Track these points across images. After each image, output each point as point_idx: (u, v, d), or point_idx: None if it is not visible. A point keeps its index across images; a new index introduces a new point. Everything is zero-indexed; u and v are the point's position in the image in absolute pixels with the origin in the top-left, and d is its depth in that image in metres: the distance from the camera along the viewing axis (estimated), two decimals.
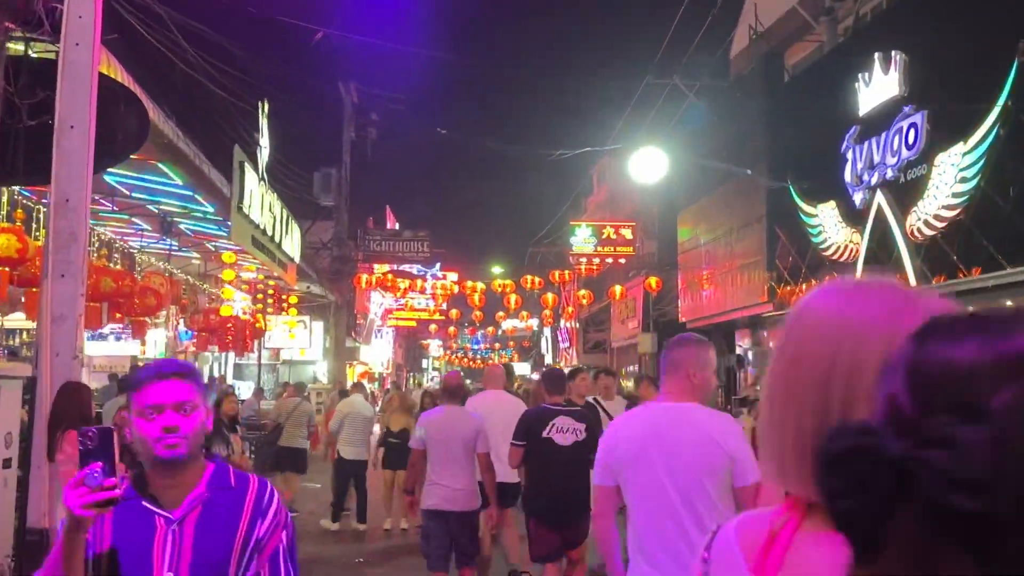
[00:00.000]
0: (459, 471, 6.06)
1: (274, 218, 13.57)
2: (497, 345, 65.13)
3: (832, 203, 15.50)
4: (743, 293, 19.73)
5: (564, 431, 5.86)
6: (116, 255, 11.54)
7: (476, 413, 6.49)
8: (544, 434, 5.84)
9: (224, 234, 13.03)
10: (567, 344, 46.54)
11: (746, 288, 19.53)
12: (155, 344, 19.55)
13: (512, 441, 6.08)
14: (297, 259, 15.62)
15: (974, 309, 0.82)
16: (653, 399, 7.41)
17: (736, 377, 24.04)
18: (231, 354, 25.72)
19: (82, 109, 3.94)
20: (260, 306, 17.70)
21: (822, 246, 15.86)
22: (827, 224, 15.73)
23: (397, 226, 31.49)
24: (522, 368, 65.94)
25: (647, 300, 27.90)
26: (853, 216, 14.85)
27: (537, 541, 5.91)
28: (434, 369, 72.51)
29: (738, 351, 24.13)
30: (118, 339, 19.63)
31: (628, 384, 30.15)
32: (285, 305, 18.83)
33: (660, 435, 3.27)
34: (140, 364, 18.90)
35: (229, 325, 14.49)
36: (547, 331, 52.72)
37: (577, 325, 43.12)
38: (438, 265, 38.07)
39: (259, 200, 12.41)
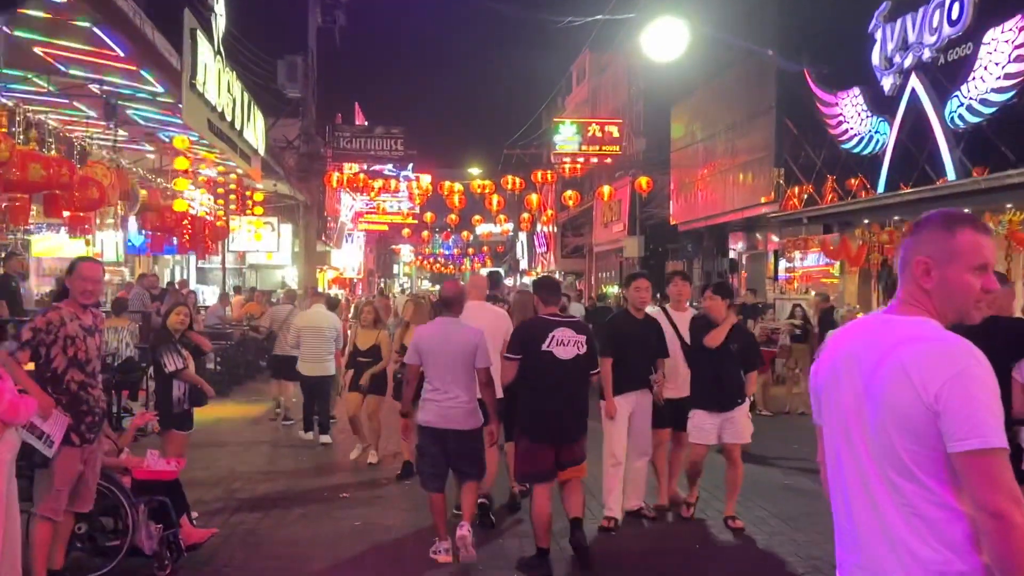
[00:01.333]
0: (457, 387, 5.57)
1: (233, 101, 11.91)
2: (471, 250, 63.62)
3: (856, 90, 14.07)
4: (745, 193, 18.41)
5: (565, 344, 5.47)
6: (51, 140, 9.89)
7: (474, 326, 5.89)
8: (544, 347, 5.43)
9: (179, 122, 11.36)
10: (544, 249, 45.25)
11: (749, 187, 18.20)
12: (102, 245, 17.92)
13: (505, 354, 5.69)
14: (261, 151, 13.97)
15: None
16: (721, 312, 6.46)
17: (727, 281, 22.94)
18: (193, 257, 24.13)
19: None
20: (222, 203, 16.02)
21: (842, 139, 14.49)
22: (848, 114, 14.31)
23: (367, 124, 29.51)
24: None
25: (634, 202, 26.56)
26: (880, 104, 13.45)
27: (529, 460, 5.52)
28: (404, 275, 71.09)
29: (731, 255, 22.99)
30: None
31: (611, 291, 29.12)
32: (250, 203, 17.12)
33: (853, 361, 2.04)
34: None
35: (186, 223, 12.82)
36: (522, 236, 51.33)
37: (555, 230, 41.77)
38: (411, 167, 36.27)
39: (215, 77, 10.73)
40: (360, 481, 8.05)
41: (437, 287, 58.62)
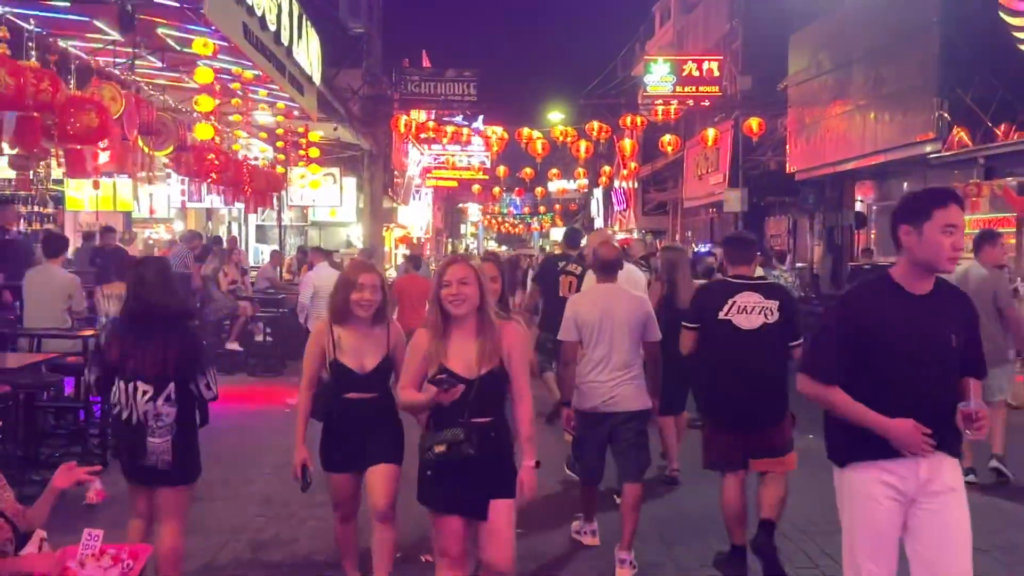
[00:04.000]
0: (625, 364, 4.96)
1: (279, 7, 9.34)
2: (541, 208, 60.70)
3: None
4: (893, 131, 15.28)
5: (748, 311, 4.73)
6: (34, 49, 7.49)
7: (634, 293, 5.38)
8: (722, 315, 4.75)
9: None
10: (623, 206, 42.23)
11: (898, 125, 15.07)
12: (152, 199, 15.70)
13: (684, 323, 5.06)
14: (316, 79, 11.44)
15: None
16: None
17: (852, 239, 19.87)
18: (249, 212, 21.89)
19: None
20: (271, 148, 13.52)
21: None
22: None
23: None
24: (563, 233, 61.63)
25: (736, 149, 23.48)
26: None
27: (715, 447, 4.90)
28: (471, 235, 68.53)
29: (857, 206, 19.87)
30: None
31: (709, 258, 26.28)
32: (303, 148, 14.53)
33: None
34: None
35: (212, 159, 10.13)
36: (597, 193, 48.25)
37: (636, 185, 38.72)
38: (481, 118, 33.57)
39: None
40: None
41: (505, 248, 56.39)
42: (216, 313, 11.33)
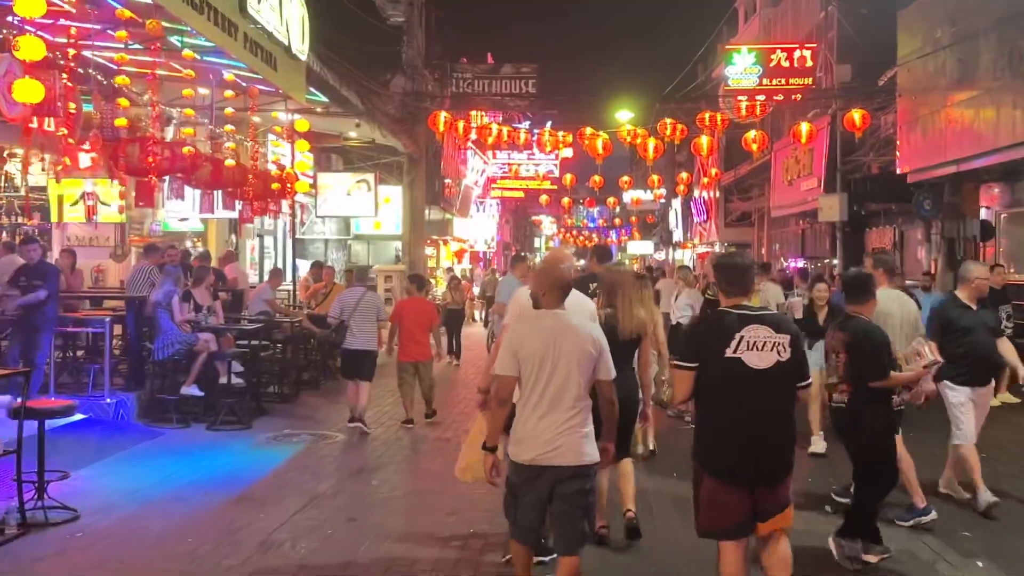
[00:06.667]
0: (568, 406, 4.32)
1: None
2: (618, 221, 57.63)
3: None
4: None
5: (760, 348, 4.15)
6: None
7: None
8: (730, 352, 4.14)
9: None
10: (703, 217, 39.01)
11: None
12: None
13: (676, 361, 4.38)
14: (296, 47, 8.93)
15: None
16: None
17: (977, 253, 16.55)
18: (283, 227, 19.71)
19: None
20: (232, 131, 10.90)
21: None
22: None
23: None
24: (643, 247, 58.63)
25: (833, 149, 20.31)
26: None
27: (715, 508, 4.20)
28: (547, 249, 65.95)
29: (982, 215, 16.55)
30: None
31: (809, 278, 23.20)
32: (282, 136, 11.97)
33: None
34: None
35: (159, 152, 7.55)
36: (676, 204, 45.10)
37: (718, 194, 35.54)
38: (549, 124, 31.00)
39: None
40: None
41: (582, 262, 53.50)
42: (167, 349, 8.97)
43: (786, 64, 21.09)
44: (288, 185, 11.35)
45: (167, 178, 9.82)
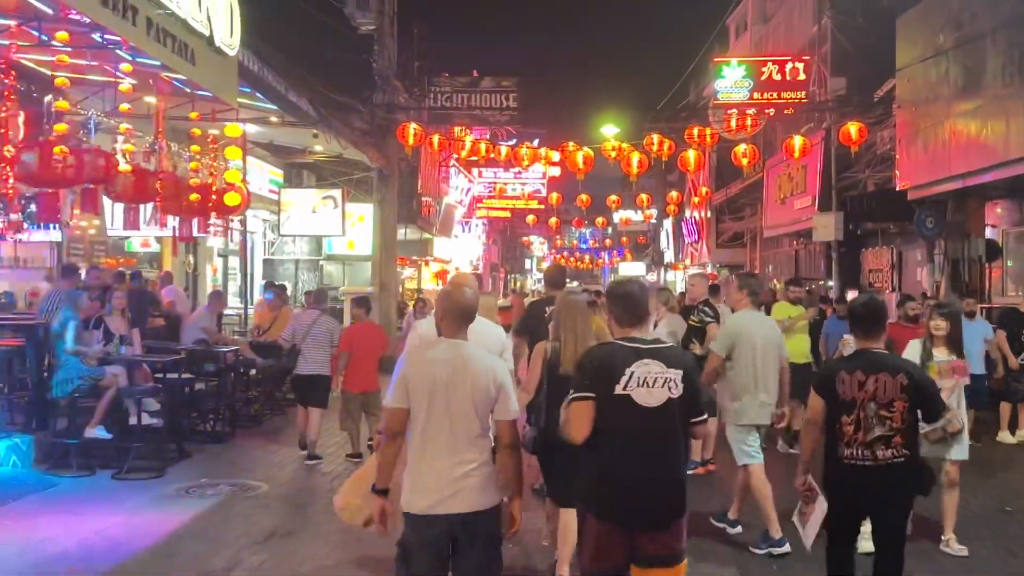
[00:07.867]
0: (467, 446, 4.01)
1: None
2: (608, 241, 56.50)
3: None
4: None
5: (651, 384, 3.86)
6: None
7: None
8: (619, 388, 3.85)
9: None
10: (694, 238, 37.97)
11: None
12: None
13: (577, 394, 3.92)
14: (220, 39, 7.82)
15: None
16: None
17: (982, 275, 15.49)
18: (249, 245, 18.57)
19: None
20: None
21: None
22: None
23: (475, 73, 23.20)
24: (635, 268, 57.58)
25: (828, 165, 19.29)
26: None
27: (599, 550, 3.87)
28: (538, 270, 64.77)
29: (987, 234, 15.50)
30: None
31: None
32: (213, 146, 10.73)
33: None
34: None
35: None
36: (667, 224, 44.05)
37: (709, 214, 34.51)
38: (536, 141, 29.96)
39: None
40: None
41: (577, 283, 52.77)
42: (66, 384, 7.81)
43: (778, 77, 20.12)
44: (213, 198, 10.20)
45: (79, 188, 8.63)
